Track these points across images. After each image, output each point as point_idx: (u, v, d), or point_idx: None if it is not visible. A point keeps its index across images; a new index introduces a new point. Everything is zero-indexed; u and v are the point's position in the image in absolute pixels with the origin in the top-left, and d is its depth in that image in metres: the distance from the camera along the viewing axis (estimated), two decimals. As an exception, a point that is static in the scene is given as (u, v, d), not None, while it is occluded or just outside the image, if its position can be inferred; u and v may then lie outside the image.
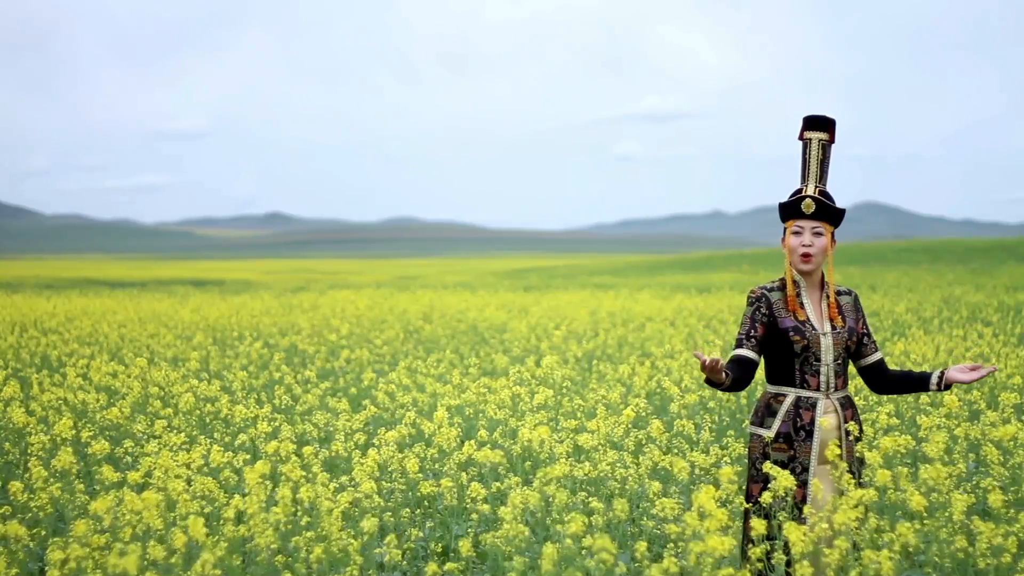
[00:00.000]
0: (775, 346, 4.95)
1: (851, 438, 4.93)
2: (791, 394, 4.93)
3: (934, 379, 5.07)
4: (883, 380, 5.17)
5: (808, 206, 4.97)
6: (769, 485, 4.53)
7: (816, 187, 5.01)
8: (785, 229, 5.03)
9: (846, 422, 4.94)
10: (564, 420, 8.06)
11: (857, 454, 4.91)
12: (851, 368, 5.75)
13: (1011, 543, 4.35)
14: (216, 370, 13.07)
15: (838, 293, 5.08)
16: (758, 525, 4.10)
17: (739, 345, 4.92)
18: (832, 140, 5.07)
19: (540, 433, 5.83)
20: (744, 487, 5.49)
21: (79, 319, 20.45)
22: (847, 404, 4.99)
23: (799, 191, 5.03)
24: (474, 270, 79.25)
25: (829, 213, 4.99)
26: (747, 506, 4.90)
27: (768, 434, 4.90)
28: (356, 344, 16.09)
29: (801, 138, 5.06)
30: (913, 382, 5.14)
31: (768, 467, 4.60)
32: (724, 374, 4.74)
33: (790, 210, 5.01)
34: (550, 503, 5.12)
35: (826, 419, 4.90)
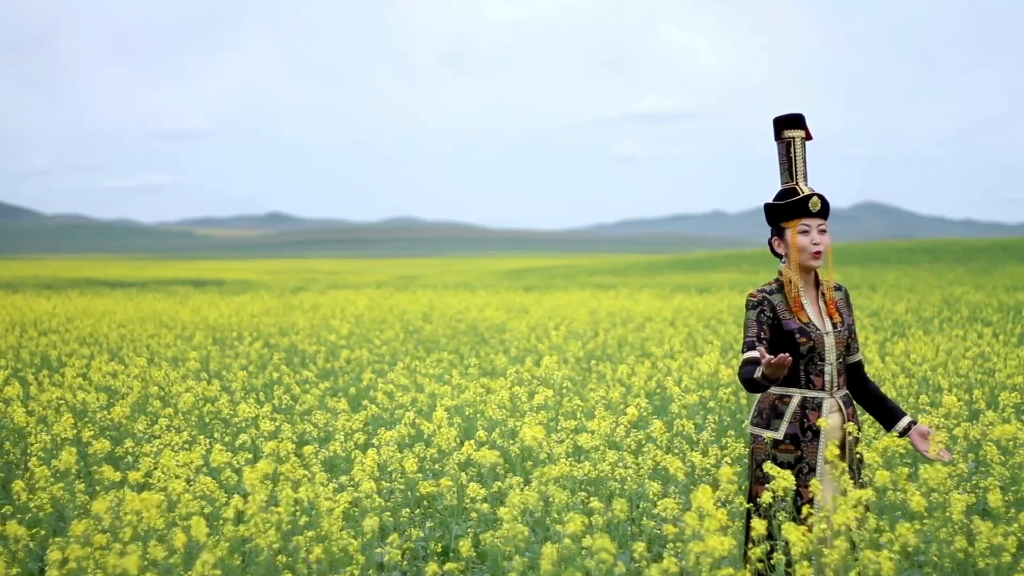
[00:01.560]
0: (779, 348, 4.91)
1: (851, 438, 4.92)
2: (797, 395, 4.90)
3: (899, 427, 5.02)
4: (859, 386, 5.13)
5: (816, 204, 4.94)
6: (768, 485, 4.52)
7: (807, 185, 4.99)
8: (784, 229, 4.99)
9: (848, 421, 4.93)
10: (564, 420, 8.06)
11: (856, 454, 4.91)
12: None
13: (1011, 543, 4.35)
14: (216, 370, 13.07)
15: (829, 289, 5.06)
16: (759, 525, 4.10)
17: (752, 348, 4.84)
18: (809, 137, 5.05)
19: (535, 433, 5.82)
20: (745, 488, 5.48)
21: (79, 319, 20.45)
22: (848, 403, 4.98)
23: (793, 190, 4.97)
24: (474, 270, 79.23)
25: (828, 210, 4.98)
26: (748, 506, 4.89)
27: (777, 436, 4.87)
28: (356, 344, 16.08)
29: (781, 138, 5.00)
30: (883, 410, 5.09)
31: (768, 467, 4.58)
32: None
33: (795, 209, 4.97)
34: (549, 503, 5.12)
35: (831, 418, 4.89)
